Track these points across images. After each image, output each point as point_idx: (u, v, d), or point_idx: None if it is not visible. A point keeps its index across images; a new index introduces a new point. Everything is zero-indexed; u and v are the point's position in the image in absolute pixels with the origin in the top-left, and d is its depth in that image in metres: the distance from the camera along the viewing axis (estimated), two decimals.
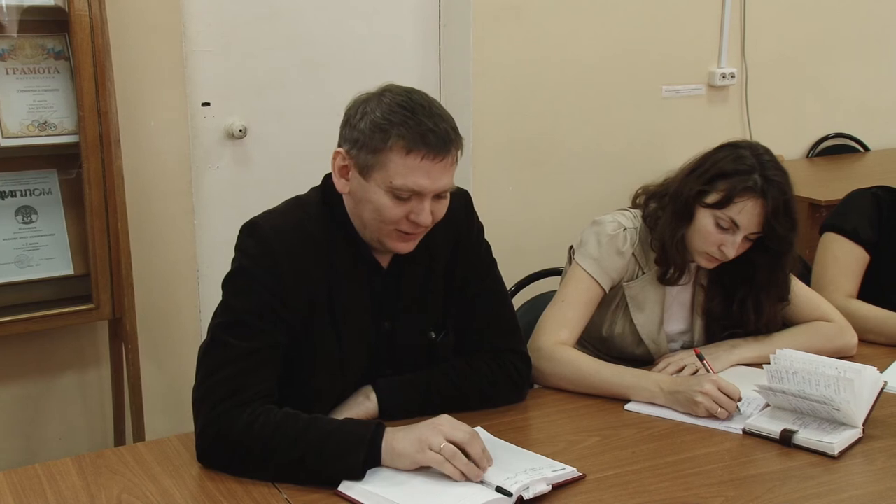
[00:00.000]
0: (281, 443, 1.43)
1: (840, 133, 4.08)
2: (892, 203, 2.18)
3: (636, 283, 1.92)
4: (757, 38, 3.72)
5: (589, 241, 1.90)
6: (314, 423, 1.46)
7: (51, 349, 2.64)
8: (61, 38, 2.36)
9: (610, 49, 3.41)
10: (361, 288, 1.61)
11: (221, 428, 1.45)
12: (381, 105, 1.49)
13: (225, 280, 1.57)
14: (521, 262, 2.36)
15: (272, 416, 1.46)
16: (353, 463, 1.41)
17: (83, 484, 1.44)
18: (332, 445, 1.42)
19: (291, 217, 1.58)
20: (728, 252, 1.82)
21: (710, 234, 1.82)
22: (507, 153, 3.28)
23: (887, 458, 1.55)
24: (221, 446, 1.46)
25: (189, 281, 2.81)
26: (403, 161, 1.47)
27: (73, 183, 2.42)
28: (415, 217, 1.51)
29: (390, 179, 1.48)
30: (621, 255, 1.89)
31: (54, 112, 2.35)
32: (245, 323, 1.51)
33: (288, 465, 1.43)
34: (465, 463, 1.38)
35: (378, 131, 1.47)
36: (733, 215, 1.79)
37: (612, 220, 1.91)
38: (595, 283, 1.88)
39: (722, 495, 1.42)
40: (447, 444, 1.39)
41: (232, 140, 2.92)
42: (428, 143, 1.46)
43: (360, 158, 1.50)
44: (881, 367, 1.78)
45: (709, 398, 1.64)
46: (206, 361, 1.52)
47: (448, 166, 1.50)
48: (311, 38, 3.01)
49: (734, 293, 1.93)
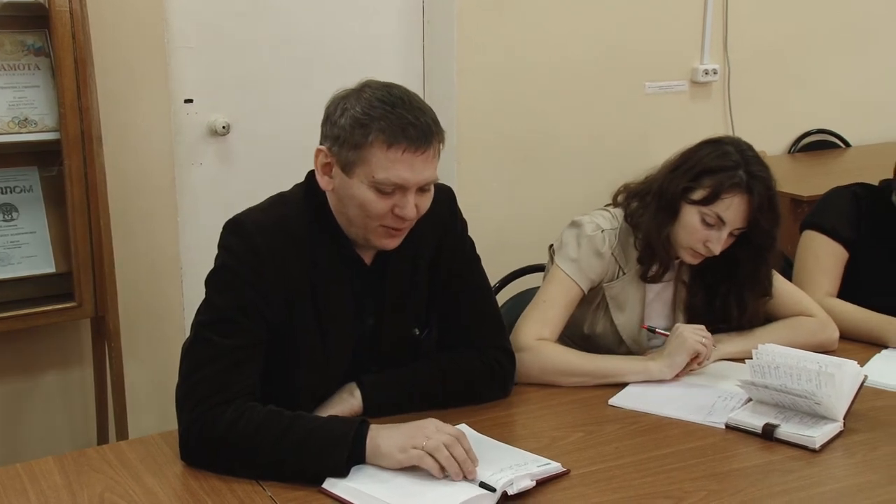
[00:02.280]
0: (264, 441, 1.43)
1: (821, 129, 4.11)
2: (871, 200, 2.19)
3: (616, 283, 1.93)
4: (739, 35, 3.74)
5: (568, 242, 1.91)
6: (297, 420, 1.45)
7: (33, 347, 2.62)
8: (41, 34, 2.34)
9: (593, 45, 3.42)
10: (345, 285, 1.61)
11: (205, 426, 1.45)
12: (360, 101, 1.49)
13: (208, 277, 1.57)
14: (504, 259, 2.36)
15: (255, 413, 1.45)
16: (336, 461, 1.41)
17: (65, 483, 1.43)
18: (315, 443, 1.42)
19: (274, 214, 1.58)
20: (714, 248, 1.83)
21: (696, 230, 1.83)
22: (491, 150, 3.28)
23: (867, 451, 1.56)
24: (205, 445, 1.45)
25: (172, 278, 2.79)
26: (385, 155, 1.47)
27: (55, 180, 2.40)
28: (399, 211, 1.51)
29: (373, 174, 1.48)
30: (600, 256, 1.90)
31: (35, 109, 2.33)
32: (228, 320, 1.51)
33: (272, 463, 1.42)
34: (445, 457, 1.38)
35: (358, 127, 1.47)
36: (720, 211, 1.81)
37: (591, 222, 1.92)
38: (574, 285, 1.89)
39: (705, 489, 1.43)
40: (430, 441, 1.39)
41: (215, 137, 2.91)
42: (409, 136, 1.46)
43: (342, 155, 1.50)
44: (862, 361, 1.79)
45: (702, 337, 1.78)
46: (188, 359, 1.52)
47: (430, 159, 1.50)
48: (295, 34, 2.99)
49: (716, 289, 1.95)
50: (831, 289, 2.13)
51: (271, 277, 1.52)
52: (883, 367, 1.89)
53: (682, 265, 1.96)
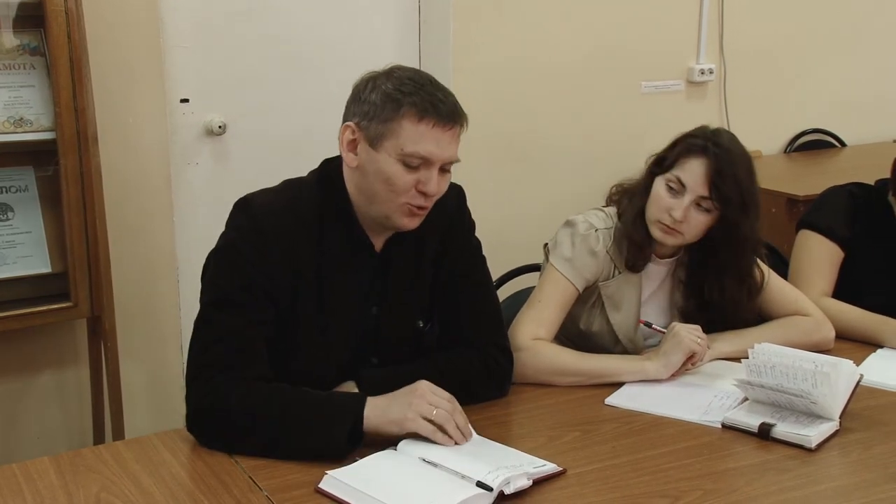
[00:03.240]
0: (269, 416, 1.48)
1: (817, 128, 4.12)
2: (867, 200, 2.20)
3: (612, 282, 1.93)
4: (735, 34, 3.74)
5: (563, 241, 1.92)
6: (299, 397, 1.50)
7: (28, 348, 2.61)
8: (37, 33, 2.34)
9: (590, 45, 3.42)
10: (352, 271, 1.63)
11: (215, 401, 1.50)
12: (391, 79, 1.56)
13: (212, 255, 1.60)
14: (502, 258, 2.35)
15: (261, 389, 1.50)
16: (337, 438, 1.45)
17: (61, 483, 1.43)
18: (316, 420, 1.47)
19: (285, 196, 1.61)
20: (676, 215, 1.83)
21: (661, 198, 1.86)
22: (488, 149, 3.28)
23: (863, 450, 1.57)
24: (212, 418, 1.50)
25: (169, 278, 2.79)
26: (415, 127, 1.52)
27: (51, 180, 2.40)
28: (423, 187, 1.54)
29: (402, 146, 1.52)
30: (594, 255, 1.90)
31: (30, 109, 2.33)
32: (233, 299, 1.54)
33: (274, 440, 1.47)
34: (453, 428, 1.46)
35: (390, 101, 1.53)
36: (679, 174, 1.84)
37: (585, 221, 1.93)
38: (569, 284, 1.90)
39: (701, 488, 1.43)
40: (439, 410, 1.46)
41: (211, 136, 2.90)
42: (439, 111, 1.52)
43: (371, 129, 1.54)
44: (857, 360, 1.79)
45: (694, 336, 1.79)
46: (197, 339, 1.56)
47: (455, 137, 1.56)
48: (291, 33, 2.99)
49: (706, 285, 1.94)
50: (827, 288, 2.13)
51: (275, 258, 1.55)
52: (878, 366, 1.89)
53: (678, 267, 1.97)
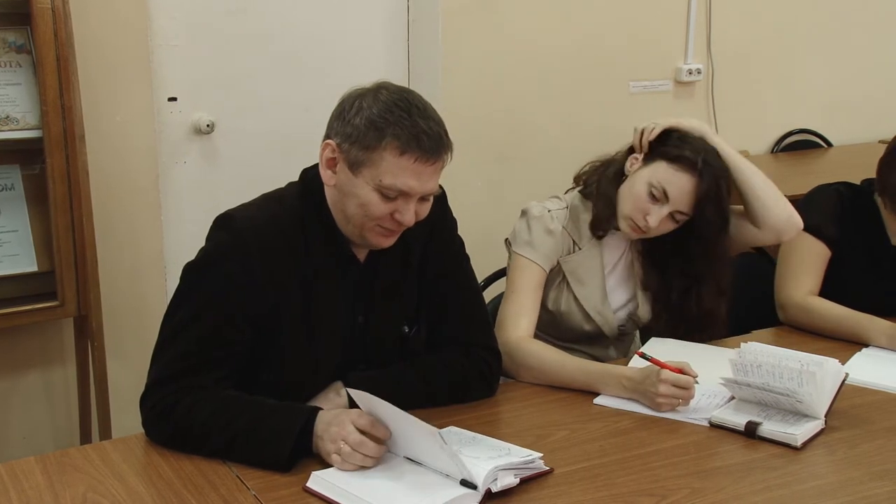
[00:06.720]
0: (214, 428, 1.47)
1: (803, 129, 4.14)
2: (855, 199, 2.21)
3: (573, 257, 1.97)
4: (723, 35, 3.75)
5: (520, 230, 1.96)
6: (248, 408, 1.49)
7: (15, 347, 2.60)
8: (23, 31, 2.32)
9: (578, 44, 3.43)
10: (337, 282, 1.61)
11: (164, 412, 1.51)
12: (377, 102, 1.50)
13: (189, 268, 1.58)
14: (490, 258, 2.36)
15: (211, 399, 1.50)
16: (279, 455, 1.43)
17: (47, 483, 1.42)
18: (261, 435, 1.46)
19: (268, 211, 1.59)
20: (651, 221, 1.86)
21: (640, 199, 1.87)
22: (476, 148, 3.28)
23: (848, 448, 1.58)
24: (161, 429, 1.52)
25: (156, 277, 2.78)
26: (396, 161, 1.48)
27: (37, 178, 2.39)
28: (399, 216, 1.52)
29: (380, 178, 1.49)
30: (551, 233, 1.93)
31: (16, 107, 2.31)
32: (204, 317, 1.52)
33: (219, 451, 1.47)
34: (361, 459, 1.41)
35: (373, 129, 1.48)
36: (666, 186, 1.84)
37: (537, 205, 1.98)
38: (535, 266, 1.92)
39: (688, 487, 1.44)
40: (344, 445, 1.41)
41: (199, 135, 2.89)
42: (422, 146, 1.48)
43: (352, 153, 1.51)
44: (843, 359, 1.81)
45: (667, 398, 1.66)
46: (159, 353, 1.56)
47: (437, 170, 1.52)
48: (280, 32, 2.98)
49: (666, 269, 1.98)
50: (814, 287, 2.14)
51: (258, 275, 1.52)
52: (864, 365, 1.90)
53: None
